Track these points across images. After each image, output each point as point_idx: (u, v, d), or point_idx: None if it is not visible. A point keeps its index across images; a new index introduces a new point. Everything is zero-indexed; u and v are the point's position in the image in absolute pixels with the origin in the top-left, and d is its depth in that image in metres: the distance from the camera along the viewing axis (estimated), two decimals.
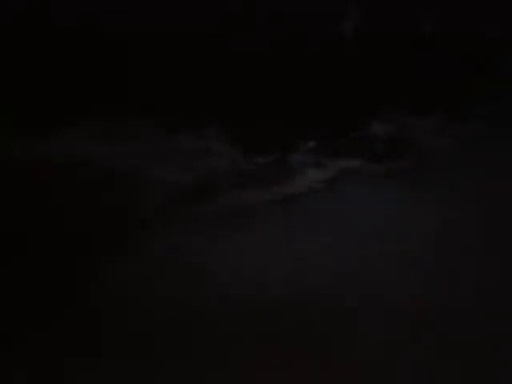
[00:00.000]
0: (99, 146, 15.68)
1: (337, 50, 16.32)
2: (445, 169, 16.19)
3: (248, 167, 16.31)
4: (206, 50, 15.89)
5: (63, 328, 14.02)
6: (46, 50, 15.46)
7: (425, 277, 14.77)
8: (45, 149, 15.53)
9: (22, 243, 14.96)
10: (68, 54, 15.52)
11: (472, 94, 16.52)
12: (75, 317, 14.18)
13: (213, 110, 16.03)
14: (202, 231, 15.59)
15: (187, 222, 15.72)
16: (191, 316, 14.19)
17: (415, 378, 13.37)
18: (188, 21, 15.83)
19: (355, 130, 16.51)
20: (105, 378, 13.27)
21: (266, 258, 15.15)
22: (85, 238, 15.27)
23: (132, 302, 14.39)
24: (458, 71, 16.56)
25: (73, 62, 15.54)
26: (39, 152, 15.50)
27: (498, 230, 15.32)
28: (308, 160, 16.44)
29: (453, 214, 15.64)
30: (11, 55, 15.49)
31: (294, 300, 14.53)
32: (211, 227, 15.64)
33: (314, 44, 16.14)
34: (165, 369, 13.49)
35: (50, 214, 15.30)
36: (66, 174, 15.55)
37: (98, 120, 15.63)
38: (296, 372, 13.48)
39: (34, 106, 15.52)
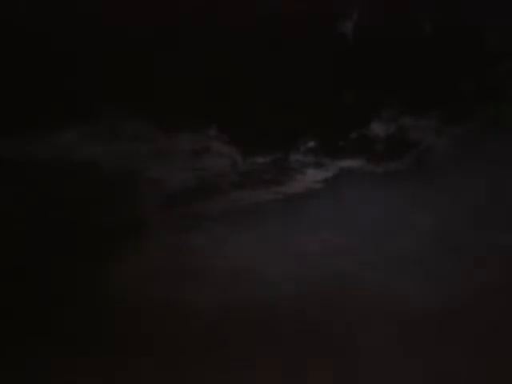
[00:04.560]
0: (99, 146, 15.69)
1: (337, 50, 16.32)
2: (445, 169, 16.19)
3: (248, 167, 16.32)
4: (205, 50, 15.90)
5: (64, 328, 14.03)
6: (45, 50, 15.46)
7: (424, 276, 14.78)
8: (45, 149, 15.53)
9: (23, 243, 14.97)
10: (68, 55, 15.52)
11: (472, 94, 16.52)
12: (75, 317, 14.19)
13: (213, 109, 16.03)
14: (202, 231, 15.60)
15: (187, 221, 15.73)
16: (191, 316, 14.20)
17: (415, 378, 13.38)
18: (188, 21, 15.83)
19: (355, 129, 16.49)
20: (105, 378, 13.28)
21: (266, 258, 15.16)
22: (85, 237, 15.27)
23: (132, 302, 14.40)
24: (458, 71, 16.55)
25: (72, 62, 15.55)
26: (39, 152, 15.51)
27: (497, 229, 15.32)
28: (308, 160, 16.44)
29: (452, 214, 15.65)
30: (11, 56, 15.49)
31: (293, 300, 14.54)
32: (211, 227, 15.65)
33: (314, 44, 16.13)
34: (165, 369, 13.50)
35: (49, 213, 15.30)
36: (66, 174, 15.55)
37: (98, 120, 15.64)
38: (296, 372, 13.49)
39: (34, 106, 15.53)
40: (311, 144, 16.47)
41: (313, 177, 16.46)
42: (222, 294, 14.54)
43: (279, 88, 16.12)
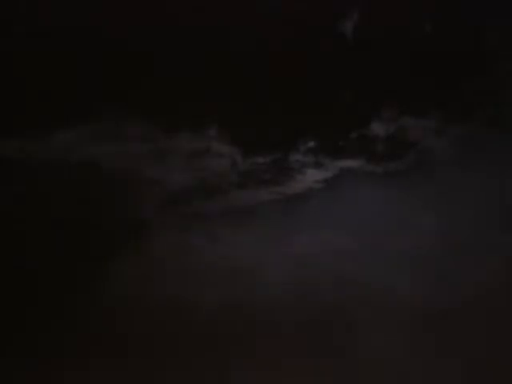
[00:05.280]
0: (99, 146, 15.70)
1: (337, 50, 16.33)
2: (445, 169, 16.19)
3: (248, 167, 16.32)
4: (205, 49, 15.91)
5: (64, 328, 14.03)
6: (46, 50, 15.47)
7: (424, 276, 14.79)
8: (45, 149, 15.54)
9: (23, 243, 14.98)
10: (68, 55, 15.54)
11: (472, 94, 16.52)
12: (75, 316, 14.20)
13: (213, 109, 16.03)
14: (202, 231, 15.60)
15: (187, 221, 15.73)
16: (191, 316, 14.21)
17: (415, 378, 13.38)
18: (188, 20, 15.85)
19: (355, 130, 16.50)
20: (105, 378, 13.28)
21: (265, 258, 15.15)
22: (85, 238, 15.27)
23: (132, 302, 14.41)
24: (458, 71, 16.56)
25: (73, 62, 15.56)
26: (39, 152, 15.51)
27: (497, 229, 15.33)
28: (308, 160, 16.45)
29: (452, 214, 15.65)
30: (11, 56, 15.50)
31: (293, 300, 14.54)
32: (211, 227, 15.66)
33: (314, 44, 16.14)
34: (165, 369, 13.50)
35: (49, 213, 15.31)
36: (66, 174, 15.56)
37: (98, 120, 15.65)
38: (296, 372, 13.49)
39: (35, 106, 15.54)
40: (311, 144, 16.48)
41: (313, 177, 16.46)
42: (221, 294, 14.53)
43: (279, 88, 16.13)
